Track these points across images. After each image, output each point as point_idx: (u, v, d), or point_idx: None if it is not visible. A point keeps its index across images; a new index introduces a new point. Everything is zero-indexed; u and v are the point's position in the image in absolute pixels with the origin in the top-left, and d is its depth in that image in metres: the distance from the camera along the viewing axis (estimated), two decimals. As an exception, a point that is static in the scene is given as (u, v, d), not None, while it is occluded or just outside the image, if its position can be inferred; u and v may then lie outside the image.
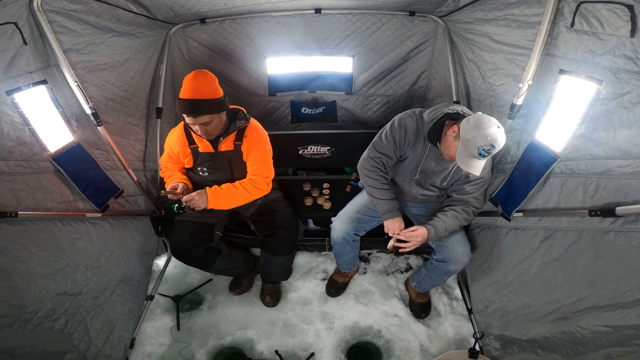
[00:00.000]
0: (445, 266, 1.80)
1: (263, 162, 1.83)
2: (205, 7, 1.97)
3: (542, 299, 1.52)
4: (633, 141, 1.14)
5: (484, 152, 1.36)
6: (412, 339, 1.99)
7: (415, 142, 1.65)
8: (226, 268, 2.06)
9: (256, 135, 1.80)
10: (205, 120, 1.59)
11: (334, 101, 2.73)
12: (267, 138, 1.85)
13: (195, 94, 1.53)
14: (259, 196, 1.88)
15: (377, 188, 1.74)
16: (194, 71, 1.57)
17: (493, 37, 1.71)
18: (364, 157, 1.77)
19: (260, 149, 1.80)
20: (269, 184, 1.89)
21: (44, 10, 1.45)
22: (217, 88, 1.60)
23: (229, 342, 2.02)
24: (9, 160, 1.44)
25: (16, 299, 1.38)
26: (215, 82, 1.59)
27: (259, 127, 1.84)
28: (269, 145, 1.86)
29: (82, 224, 1.76)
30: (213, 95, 1.57)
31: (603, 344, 1.19)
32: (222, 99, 1.61)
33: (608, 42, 1.17)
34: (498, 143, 1.36)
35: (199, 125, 1.60)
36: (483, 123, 1.37)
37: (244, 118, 1.78)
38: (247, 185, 1.82)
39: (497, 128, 1.37)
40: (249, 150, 1.79)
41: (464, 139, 1.40)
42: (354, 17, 2.28)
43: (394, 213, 1.73)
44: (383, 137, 1.70)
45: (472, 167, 1.43)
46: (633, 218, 1.16)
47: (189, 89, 1.53)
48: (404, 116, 1.66)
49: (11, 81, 1.41)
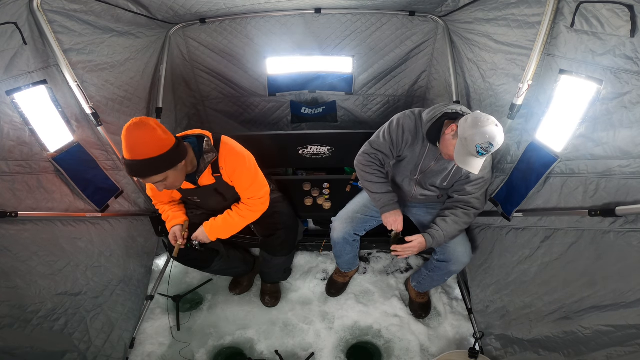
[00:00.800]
0: (446, 266, 1.81)
1: (252, 185, 1.67)
2: (205, 7, 1.97)
3: (544, 298, 1.52)
4: (633, 141, 1.14)
5: (482, 151, 1.35)
6: (412, 339, 1.99)
7: (414, 141, 1.64)
8: (225, 268, 2.06)
9: (232, 161, 1.58)
10: (158, 180, 1.37)
11: (334, 101, 2.73)
12: (246, 156, 1.64)
13: (135, 154, 1.28)
14: (257, 217, 1.77)
15: (373, 182, 1.73)
16: (128, 124, 1.27)
17: (493, 37, 1.71)
18: (360, 152, 1.78)
19: (242, 173, 1.62)
20: (265, 202, 1.76)
21: (44, 10, 1.45)
22: (161, 140, 1.30)
23: (229, 342, 2.02)
24: (9, 160, 1.44)
25: (16, 299, 1.38)
26: (156, 133, 1.29)
27: (232, 151, 1.59)
28: (251, 162, 1.66)
29: (82, 224, 1.76)
30: (157, 151, 1.29)
31: (605, 343, 1.19)
32: (170, 151, 1.33)
33: (608, 42, 1.17)
34: (496, 141, 1.35)
35: (163, 183, 1.40)
36: (481, 121, 1.36)
37: (210, 150, 1.53)
38: (243, 212, 1.71)
39: (495, 126, 1.35)
40: (231, 179, 1.63)
41: (462, 137, 1.40)
42: (354, 17, 2.28)
43: (392, 206, 1.72)
44: (381, 135, 1.70)
45: (470, 165, 1.42)
46: (633, 218, 1.17)
47: (126, 148, 1.28)
48: (403, 116, 1.65)
49: (11, 81, 1.41)
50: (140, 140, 1.27)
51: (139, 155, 1.28)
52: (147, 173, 1.34)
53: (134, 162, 1.29)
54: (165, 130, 1.34)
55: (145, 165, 1.30)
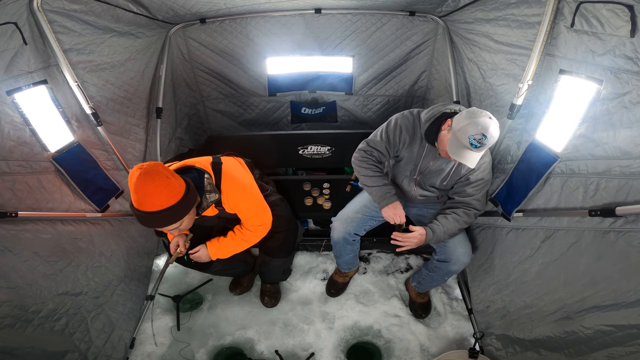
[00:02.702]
0: (446, 266, 1.81)
1: (255, 215, 1.64)
2: (205, 7, 1.98)
3: (544, 298, 1.52)
4: (633, 141, 1.14)
5: (475, 142, 1.33)
6: (412, 339, 1.99)
7: (412, 141, 1.64)
8: (224, 269, 2.05)
9: (234, 197, 1.53)
10: (175, 227, 1.31)
11: (334, 101, 2.73)
12: (247, 187, 1.58)
13: (150, 206, 1.19)
14: (257, 241, 1.76)
15: (369, 176, 1.72)
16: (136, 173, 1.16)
17: (493, 37, 1.71)
18: (357, 150, 1.78)
19: (245, 206, 1.58)
20: (267, 227, 1.73)
21: (44, 10, 1.46)
22: (175, 188, 1.22)
23: (229, 342, 2.02)
24: (10, 160, 1.44)
25: (18, 299, 1.38)
26: (169, 182, 1.20)
27: (234, 184, 1.52)
28: (253, 192, 1.61)
29: (83, 224, 1.76)
30: (173, 199, 1.21)
31: (606, 343, 1.19)
32: (184, 197, 1.24)
33: (608, 42, 1.17)
34: (489, 132, 1.32)
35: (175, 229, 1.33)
36: (474, 113, 1.35)
37: (212, 190, 1.44)
38: (245, 236, 1.70)
39: (489, 118, 1.33)
40: (234, 210, 1.59)
41: (455, 129, 1.39)
42: (354, 17, 2.28)
43: (390, 199, 1.69)
44: (378, 134, 1.70)
45: (463, 157, 1.39)
46: (633, 218, 1.17)
47: (138, 200, 1.19)
48: (401, 116, 1.65)
49: (11, 81, 1.42)
50: (155, 192, 1.17)
51: (154, 207, 1.18)
52: (165, 223, 1.25)
53: (150, 214, 1.20)
54: (175, 174, 1.25)
55: (163, 217, 1.21)
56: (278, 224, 1.90)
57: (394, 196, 1.71)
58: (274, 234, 1.89)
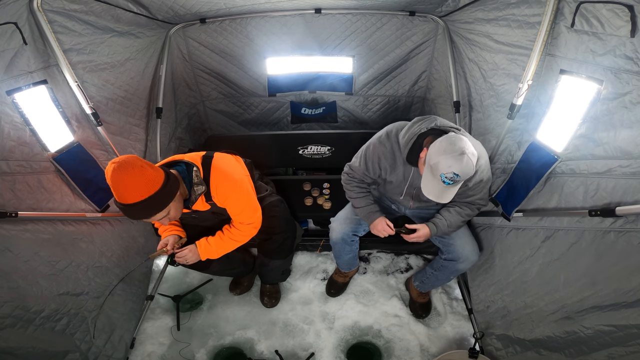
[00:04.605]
0: (454, 265, 1.80)
1: (244, 211, 1.63)
2: (205, 7, 1.97)
3: (545, 298, 1.52)
4: (634, 141, 1.14)
5: (447, 180, 1.30)
6: (412, 339, 1.99)
7: (394, 167, 1.61)
8: (224, 269, 2.06)
9: (223, 190, 1.53)
10: (162, 216, 1.31)
11: (334, 101, 2.73)
12: (238, 182, 1.58)
13: (130, 197, 1.19)
14: (248, 240, 1.75)
15: (354, 198, 1.78)
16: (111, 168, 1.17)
17: (493, 37, 1.71)
18: (343, 170, 1.79)
19: (234, 201, 1.58)
20: (257, 227, 1.72)
21: (44, 10, 1.45)
22: (152, 177, 1.22)
23: (229, 342, 2.02)
24: (10, 160, 1.44)
25: (19, 299, 1.38)
26: (145, 172, 1.20)
27: (224, 178, 1.52)
28: (243, 188, 1.60)
29: (83, 224, 1.76)
30: (152, 188, 1.22)
31: (606, 343, 1.19)
32: (165, 185, 1.25)
33: (608, 42, 1.17)
34: (463, 172, 1.27)
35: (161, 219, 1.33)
36: (447, 149, 1.28)
37: (200, 183, 1.46)
38: (234, 235, 1.69)
39: (460, 155, 1.25)
40: (224, 205, 1.59)
41: (428, 163, 1.34)
42: (354, 17, 2.28)
43: (375, 215, 1.74)
44: (358, 160, 1.69)
45: (438, 195, 1.37)
46: (633, 218, 1.16)
47: (118, 193, 1.20)
48: (378, 142, 1.59)
49: (11, 81, 1.41)
50: (131, 183, 1.18)
51: (133, 198, 1.19)
52: (149, 213, 1.26)
53: (132, 206, 1.21)
54: (151, 165, 1.26)
55: (145, 207, 1.23)
56: (277, 225, 1.89)
57: (377, 212, 1.75)
58: (272, 235, 1.89)
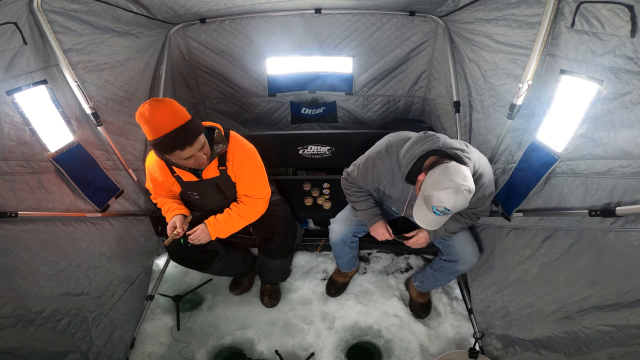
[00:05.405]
0: (454, 266, 1.80)
1: (255, 183, 1.68)
2: (205, 7, 1.97)
3: (545, 298, 1.52)
4: (634, 141, 1.14)
5: (438, 212, 1.31)
6: (412, 339, 1.99)
7: (393, 183, 1.58)
8: (225, 269, 2.06)
9: (240, 156, 1.60)
10: (198, 147, 1.38)
11: (334, 101, 2.73)
12: (253, 153, 1.66)
13: (165, 127, 1.30)
14: (256, 218, 1.77)
15: (354, 202, 1.79)
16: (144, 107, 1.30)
17: (493, 37, 1.71)
18: (343, 176, 1.78)
19: (247, 169, 1.63)
20: (265, 203, 1.76)
21: (44, 10, 1.45)
22: (182, 110, 1.36)
23: (229, 342, 2.02)
24: (10, 160, 1.44)
25: (19, 299, 1.38)
26: (175, 104, 1.35)
27: (241, 146, 1.62)
28: (258, 160, 1.67)
29: (83, 224, 1.76)
30: (183, 118, 1.33)
31: (606, 343, 1.19)
32: (193, 119, 1.37)
33: (608, 42, 1.17)
34: (454, 207, 1.27)
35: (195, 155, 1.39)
36: (442, 183, 1.26)
37: (221, 141, 1.54)
38: (242, 212, 1.71)
39: (455, 192, 1.24)
40: (236, 174, 1.64)
41: (422, 192, 1.34)
42: (354, 17, 2.28)
43: (376, 218, 1.75)
44: (356, 170, 1.65)
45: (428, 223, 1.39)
46: (633, 218, 1.17)
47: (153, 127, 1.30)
48: (378, 157, 1.56)
49: (11, 81, 1.41)
50: (168, 111, 1.30)
51: (168, 127, 1.29)
52: (185, 142, 1.33)
53: (168, 136, 1.29)
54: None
55: (181, 135, 1.31)
56: (277, 225, 1.90)
57: (378, 216, 1.76)
58: (272, 235, 1.90)
